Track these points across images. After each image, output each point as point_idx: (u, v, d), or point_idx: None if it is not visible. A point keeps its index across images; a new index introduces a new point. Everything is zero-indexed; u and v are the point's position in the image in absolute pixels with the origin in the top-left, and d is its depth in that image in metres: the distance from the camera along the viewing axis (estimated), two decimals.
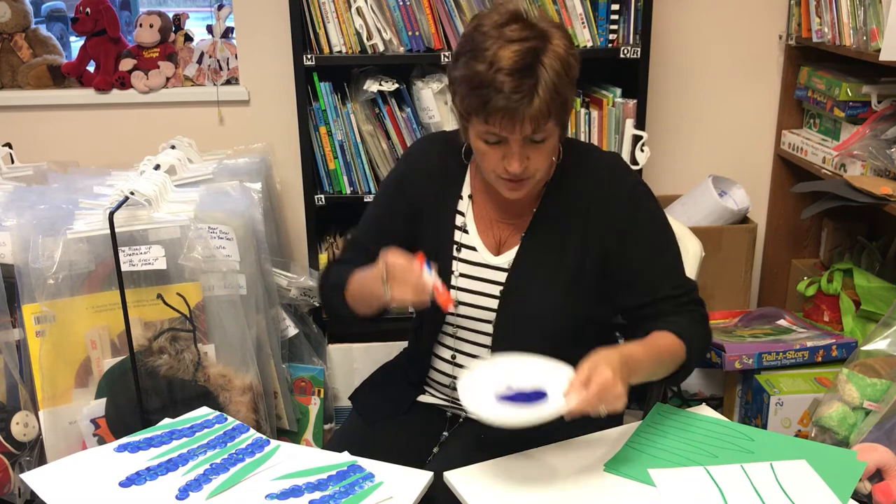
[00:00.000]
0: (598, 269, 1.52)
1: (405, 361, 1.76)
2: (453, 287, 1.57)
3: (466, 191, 1.59)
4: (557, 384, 1.31)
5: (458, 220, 1.58)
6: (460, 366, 1.59)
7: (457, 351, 1.61)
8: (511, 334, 1.54)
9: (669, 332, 1.46)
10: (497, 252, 1.56)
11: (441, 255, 1.57)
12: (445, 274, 1.57)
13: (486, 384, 1.35)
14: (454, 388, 1.61)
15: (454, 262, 1.57)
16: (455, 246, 1.57)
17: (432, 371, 1.64)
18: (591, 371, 1.26)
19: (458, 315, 1.58)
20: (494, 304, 1.54)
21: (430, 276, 1.36)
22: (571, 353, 1.53)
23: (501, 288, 1.54)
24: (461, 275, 1.57)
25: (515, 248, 1.54)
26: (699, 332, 1.51)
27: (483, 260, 1.56)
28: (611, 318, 1.65)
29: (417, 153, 1.67)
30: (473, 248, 1.57)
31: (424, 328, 1.64)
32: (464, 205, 1.58)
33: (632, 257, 1.50)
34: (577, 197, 1.51)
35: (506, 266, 1.54)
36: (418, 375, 1.67)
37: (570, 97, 1.40)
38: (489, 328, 1.56)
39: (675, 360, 1.46)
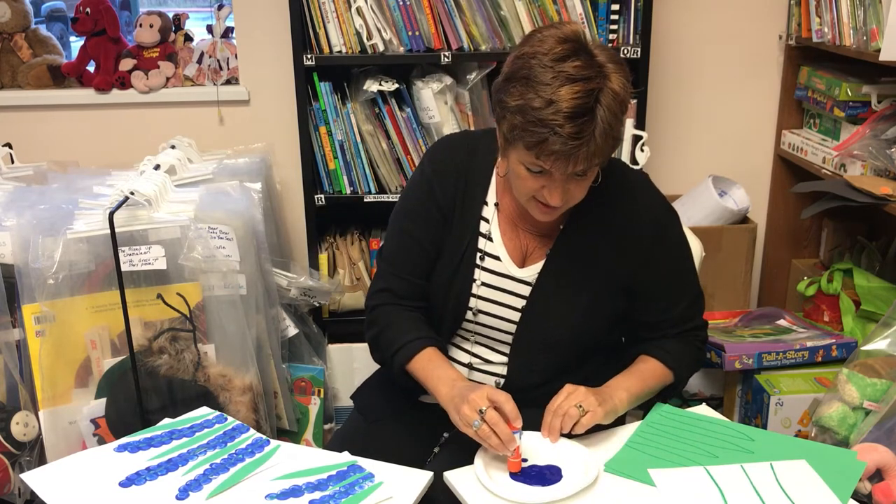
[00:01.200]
0: (619, 291, 1.53)
1: None
2: (474, 295, 1.55)
3: (492, 197, 1.56)
4: (572, 462, 1.34)
5: (483, 227, 1.55)
6: (478, 370, 1.60)
7: (473, 355, 1.61)
8: (529, 347, 1.55)
9: (656, 360, 1.55)
10: (521, 264, 1.55)
11: (464, 261, 1.55)
12: (467, 281, 1.55)
13: (503, 456, 1.35)
14: None
15: (476, 270, 1.55)
16: (479, 254, 1.55)
17: None
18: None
19: (478, 323, 1.58)
20: (516, 316, 1.54)
21: (517, 441, 1.33)
22: (579, 366, 1.58)
23: (524, 303, 1.54)
24: (483, 283, 1.55)
25: (541, 263, 1.53)
26: (690, 358, 1.59)
27: (507, 271, 1.55)
28: (622, 337, 1.67)
29: (441, 155, 1.59)
30: (497, 258, 1.55)
31: (442, 333, 1.60)
32: (489, 211, 1.56)
33: (652, 279, 1.53)
34: (606, 215, 1.50)
35: (530, 280, 1.53)
36: None
37: (622, 135, 1.39)
38: (508, 338, 1.56)
39: (662, 384, 1.57)
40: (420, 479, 1.33)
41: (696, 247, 1.74)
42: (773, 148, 2.84)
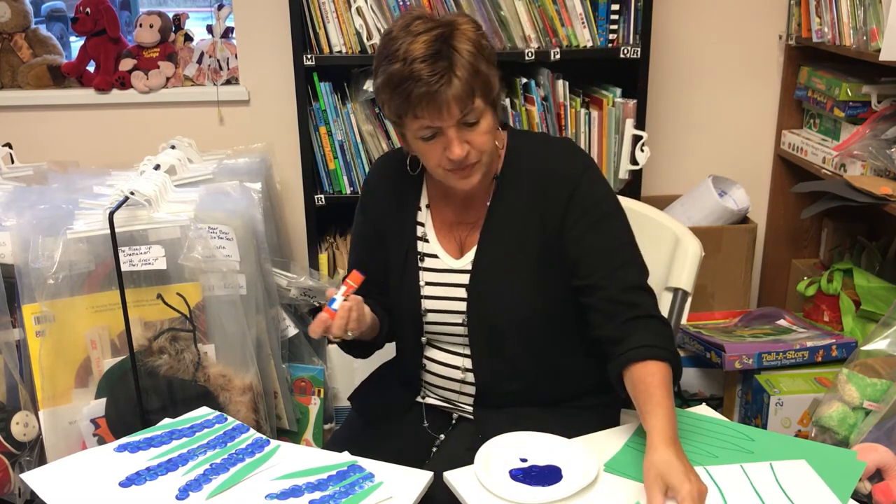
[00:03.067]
0: (555, 261, 1.50)
1: (398, 365, 1.76)
2: (424, 297, 1.57)
3: (424, 200, 1.60)
4: (572, 462, 1.34)
5: (419, 231, 1.59)
6: (450, 366, 1.60)
7: (441, 351, 1.61)
8: (485, 331, 1.54)
9: (653, 362, 1.36)
10: (459, 255, 1.57)
11: (407, 267, 1.59)
12: (414, 286, 1.58)
13: (502, 457, 1.35)
14: (446, 389, 1.62)
15: (420, 273, 1.58)
16: (418, 256, 1.58)
17: (424, 374, 1.65)
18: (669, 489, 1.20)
19: (432, 322, 1.59)
20: (463, 306, 1.55)
21: (339, 305, 1.40)
22: (555, 340, 1.54)
23: (465, 291, 1.54)
24: (427, 283, 1.58)
25: (475, 248, 1.54)
26: (662, 337, 1.40)
27: (446, 265, 1.57)
28: (587, 321, 1.58)
29: (373, 176, 1.68)
30: (435, 256, 1.58)
31: (405, 337, 1.64)
32: (422, 215, 1.60)
33: (578, 236, 1.47)
34: (527, 183, 1.51)
35: (468, 267, 1.54)
36: (411, 380, 1.68)
37: (493, 76, 1.42)
38: (463, 330, 1.57)
39: (669, 381, 1.36)
40: (420, 479, 1.33)
41: (696, 247, 1.73)
42: (773, 148, 2.84)
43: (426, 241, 1.59)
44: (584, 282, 1.47)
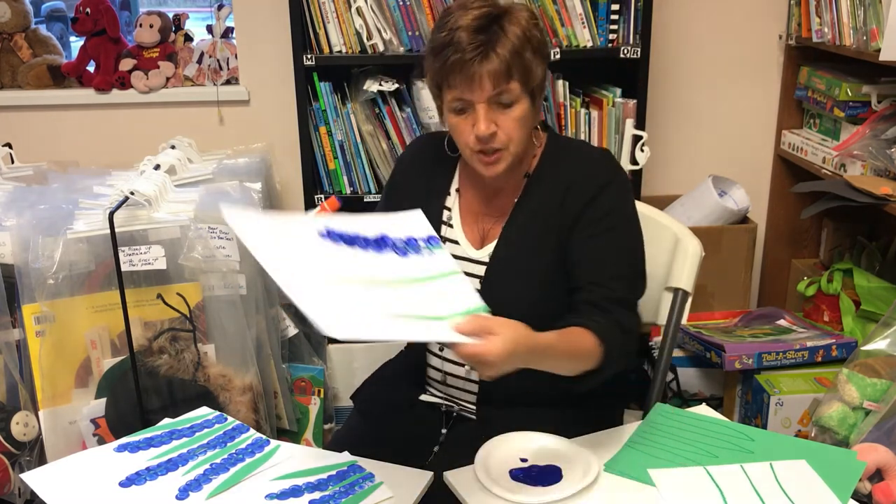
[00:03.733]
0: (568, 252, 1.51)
1: (403, 359, 1.76)
2: None
3: (455, 185, 1.61)
4: (572, 462, 1.34)
5: (445, 215, 1.60)
6: (448, 360, 1.60)
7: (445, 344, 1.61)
8: None
9: (590, 332, 1.35)
10: (480, 245, 1.57)
11: None
12: None
13: (502, 457, 1.35)
14: (449, 386, 1.62)
15: None
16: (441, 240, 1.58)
17: (429, 368, 1.65)
18: (488, 331, 1.17)
19: None
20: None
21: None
22: None
23: (480, 282, 1.54)
24: None
25: (496, 241, 1.55)
26: (618, 340, 1.39)
27: (465, 254, 1.57)
28: None
29: (408, 153, 1.70)
30: (457, 242, 1.58)
31: None
32: (451, 200, 1.60)
33: (582, 240, 1.48)
34: (556, 186, 1.51)
35: (486, 259, 1.55)
36: (415, 372, 1.68)
37: (536, 65, 1.42)
38: None
39: (587, 361, 1.35)
40: (420, 479, 1.33)
41: (696, 247, 1.73)
42: (773, 148, 2.84)
43: (450, 226, 1.59)
44: (573, 284, 1.48)
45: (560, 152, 1.55)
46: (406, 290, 1.23)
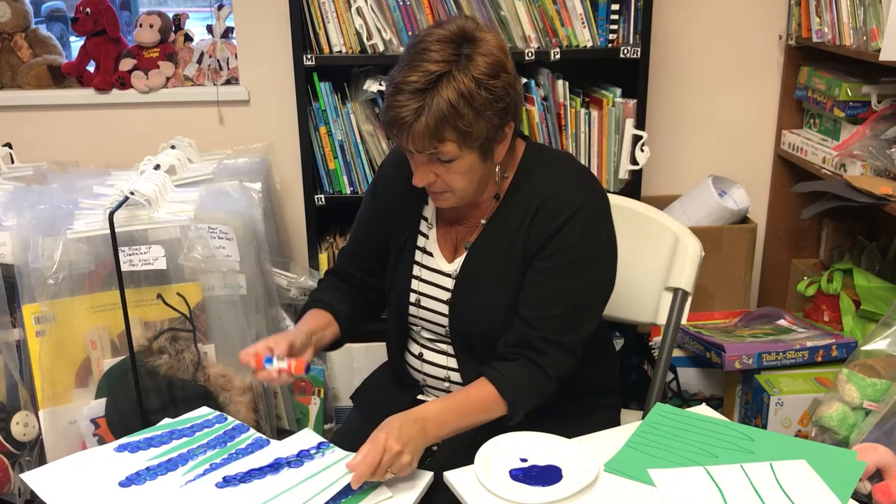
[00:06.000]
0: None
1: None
2: (413, 291, 1.60)
3: None
4: (572, 462, 1.34)
5: (423, 225, 1.61)
6: (429, 363, 1.62)
7: (425, 348, 1.63)
8: (465, 339, 1.56)
9: (490, 385, 1.44)
10: (452, 258, 1.58)
11: (402, 257, 1.61)
12: (405, 277, 1.60)
13: (502, 457, 1.35)
14: (437, 389, 1.64)
15: (414, 266, 1.60)
16: (416, 250, 1.60)
17: (409, 369, 1.67)
18: (376, 442, 1.30)
19: (418, 317, 1.61)
20: (446, 309, 1.57)
21: (271, 368, 1.42)
22: None
23: (449, 295, 1.56)
24: (416, 278, 1.60)
25: (464, 255, 1.55)
26: (526, 386, 1.45)
27: (437, 266, 1.58)
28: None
29: (390, 160, 1.69)
30: (431, 254, 1.59)
31: (390, 326, 1.67)
32: (428, 209, 1.61)
33: (536, 271, 1.48)
34: (527, 206, 1.49)
35: (454, 273, 1.56)
36: (398, 373, 1.70)
37: (476, 127, 1.36)
38: (445, 332, 1.58)
39: (492, 412, 1.45)
40: (420, 479, 1.33)
41: (696, 247, 1.73)
42: (773, 148, 2.84)
43: (426, 236, 1.60)
44: (518, 308, 1.49)
45: (537, 167, 1.52)
46: (307, 484, 1.31)
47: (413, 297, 1.60)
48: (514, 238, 1.50)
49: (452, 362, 1.60)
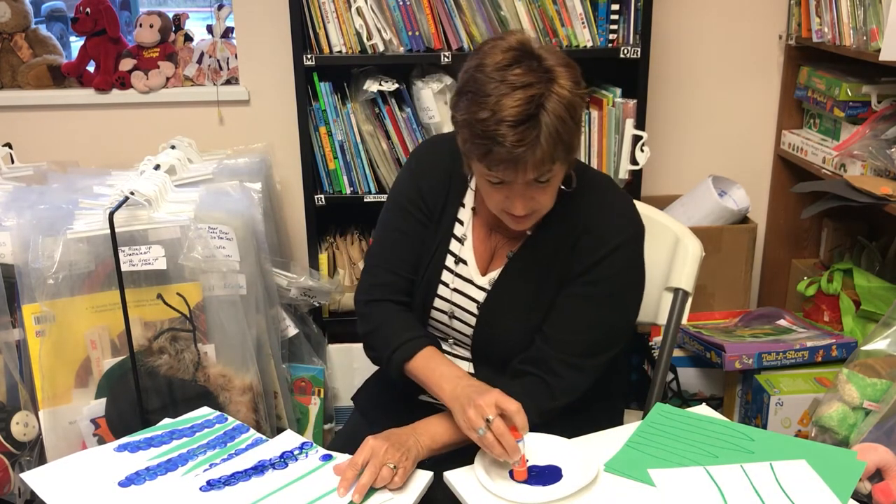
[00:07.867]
0: None
1: None
2: (439, 296, 1.58)
3: (469, 200, 1.57)
4: (572, 462, 1.34)
5: (458, 230, 1.57)
6: None
7: (442, 351, 1.61)
8: (488, 352, 1.56)
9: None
10: (486, 270, 1.55)
11: (433, 261, 1.57)
12: (434, 282, 1.57)
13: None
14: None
15: (444, 272, 1.57)
16: (449, 256, 1.57)
17: None
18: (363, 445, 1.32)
19: (443, 324, 1.60)
20: (473, 321, 1.55)
21: (521, 450, 1.31)
22: None
23: (479, 307, 1.54)
24: (445, 284, 1.57)
25: (499, 271, 1.53)
26: (537, 406, 1.43)
27: (470, 276, 1.56)
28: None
29: (428, 155, 1.62)
30: (465, 262, 1.57)
31: None
32: (465, 214, 1.57)
33: (570, 294, 1.47)
34: (571, 228, 1.47)
35: (487, 287, 1.54)
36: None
37: (576, 138, 1.36)
38: (468, 340, 1.58)
39: None
40: (420, 479, 1.33)
41: (696, 247, 1.73)
42: (773, 148, 2.84)
43: (460, 241, 1.57)
44: (542, 326, 1.48)
45: (584, 189, 1.48)
46: (291, 490, 1.31)
47: (438, 303, 1.58)
48: (554, 258, 1.49)
49: (468, 366, 1.59)
